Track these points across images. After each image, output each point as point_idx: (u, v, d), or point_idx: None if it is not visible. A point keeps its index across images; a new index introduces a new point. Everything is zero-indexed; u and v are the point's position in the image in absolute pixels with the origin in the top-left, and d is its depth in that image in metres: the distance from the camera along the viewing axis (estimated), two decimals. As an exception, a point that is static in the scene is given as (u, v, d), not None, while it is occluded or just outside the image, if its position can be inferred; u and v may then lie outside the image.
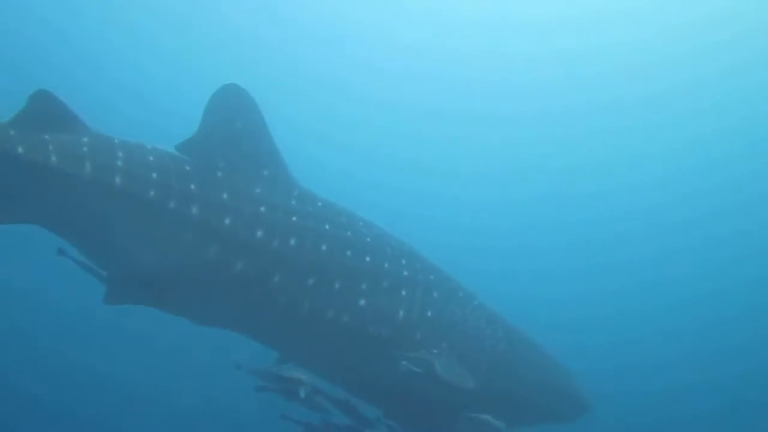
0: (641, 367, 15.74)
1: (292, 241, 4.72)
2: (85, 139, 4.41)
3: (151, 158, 4.58)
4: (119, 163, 4.41)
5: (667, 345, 16.71)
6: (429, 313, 5.17)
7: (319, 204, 5.08)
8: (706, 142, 21.72)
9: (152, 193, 4.46)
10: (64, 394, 11.04)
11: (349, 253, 4.93)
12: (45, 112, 4.35)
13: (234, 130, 4.81)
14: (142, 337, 11.14)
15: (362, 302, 4.90)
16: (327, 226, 4.93)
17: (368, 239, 5.12)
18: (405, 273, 5.17)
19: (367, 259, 5.00)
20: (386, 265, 5.10)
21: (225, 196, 4.64)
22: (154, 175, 4.50)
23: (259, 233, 4.63)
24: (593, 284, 18.28)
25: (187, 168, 4.64)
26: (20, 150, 4.19)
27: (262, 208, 4.73)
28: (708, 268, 19.31)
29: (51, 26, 20.17)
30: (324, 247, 4.84)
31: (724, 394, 14.88)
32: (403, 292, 5.08)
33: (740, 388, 15.10)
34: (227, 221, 4.58)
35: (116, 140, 4.58)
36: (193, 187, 4.58)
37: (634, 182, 21.71)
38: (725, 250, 19.76)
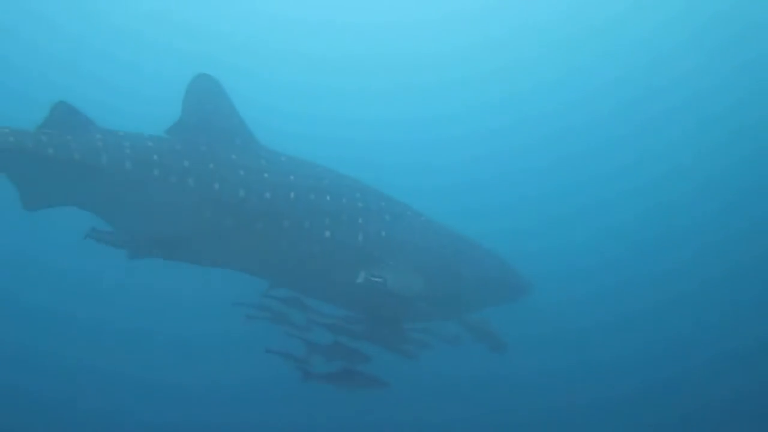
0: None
1: (267, 195, 5.95)
2: (98, 136, 5.68)
3: (150, 143, 5.85)
4: (127, 151, 5.68)
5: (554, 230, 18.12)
6: (383, 234, 6.35)
7: (283, 159, 6.31)
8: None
9: (156, 171, 5.76)
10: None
11: (312, 196, 6.12)
12: (65, 119, 5.62)
13: (208, 111, 6.03)
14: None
15: (328, 234, 6.10)
16: (292, 178, 6.14)
17: (326, 182, 6.32)
18: (360, 205, 6.36)
19: (328, 198, 6.19)
20: (344, 201, 6.29)
21: (211, 166, 5.87)
22: (155, 156, 5.78)
23: (241, 192, 5.86)
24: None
25: (178, 147, 5.88)
26: (50, 151, 5.45)
27: (241, 171, 5.96)
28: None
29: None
30: (292, 195, 6.04)
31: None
32: (360, 220, 6.29)
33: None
34: (216, 186, 5.83)
35: (121, 133, 5.86)
36: (186, 163, 5.84)
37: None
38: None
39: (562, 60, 23.35)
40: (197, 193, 5.82)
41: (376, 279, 6.05)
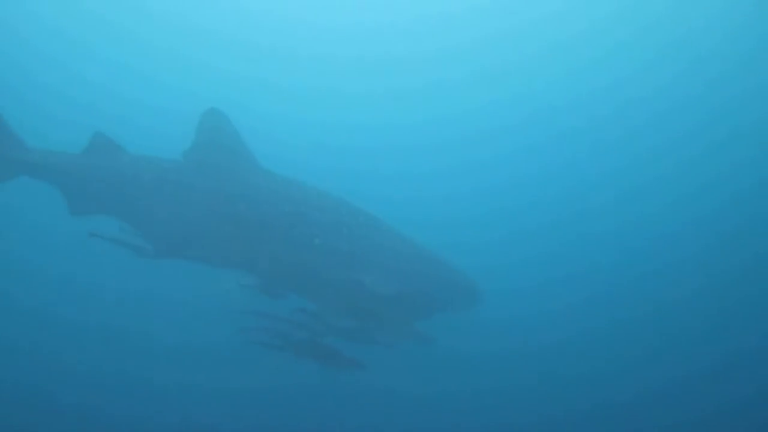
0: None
1: (264, 208, 7.15)
2: (126, 159, 6.96)
3: (167, 165, 7.12)
4: (147, 173, 6.94)
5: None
6: (363, 242, 7.48)
7: (279, 179, 7.48)
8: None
9: (170, 187, 7.00)
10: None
11: (303, 209, 7.30)
12: (100, 145, 6.89)
13: (217, 139, 7.23)
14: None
15: (317, 241, 7.26)
16: (286, 193, 7.33)
17: (314, 199, 7.50)
18: (345, 219, 7.52)
19: (317, 212, 7.36)
20: (330, 215, 7.43)
21: (217, 184, 7.09)
22: (171, 174, 7.04)
23: (242, 206, 7.05)
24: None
25: (191, 168, 7.13)
26: (88, 171, 6.75)
27: (242, 188, 7.17)
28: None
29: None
30: (287, 208, 7.24)
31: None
32: (344, 231, 7.45)
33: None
34: (221, 199, 7.06)
35: (145, 156, 7.12)
36: (196, 180, 7.10)
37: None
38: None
39: (557, 61, 24.41)
40: (205, 205, 7.01)
41: (359, 280, 7.07)
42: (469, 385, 10.87)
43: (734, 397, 11.36)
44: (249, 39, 24.56)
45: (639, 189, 20.62)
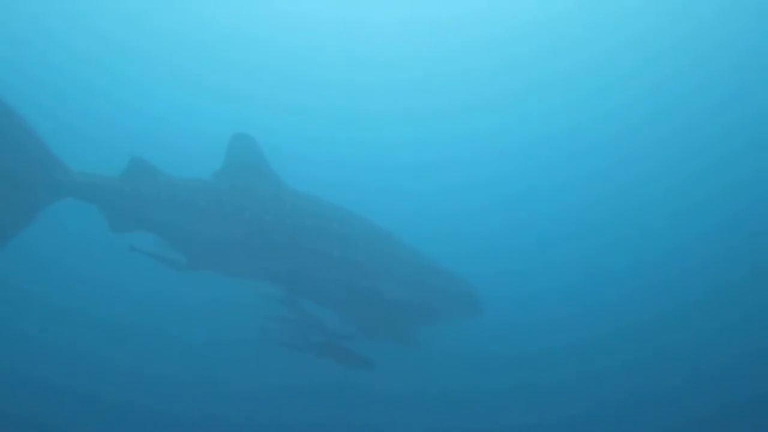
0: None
1: (289, 223, 7.84)
2: (162, 179, 7.70)
3: (200, 185, 7.86)
4: (182, 193, 7.67)
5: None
6: (377, 254, 8.16)
7: (301, 196, 8.18)
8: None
9: (203, 203, 7.74)
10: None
11: (323, 223, 7.98)
12: (138, 168, 7.65)
13: (245, 161, 7.96)
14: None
15: (337, 253, 7.93)
16: (308, 210, 8.03)
17: (333, 213, 8.17)
18: (360, 232, 8.21)
19: (335, 226, 8.06)
20: (348, 228, 8.15)
21: (245, 202, 7.82)
22: (203, 194, 7.78)
23: (268, 223, 7.72)
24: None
25: (221, 189, 7.86)
26: (128, 191, 7.51)
27: (268, 206, 7.86)
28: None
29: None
30: (309, 223, 7.91)
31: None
32: (360, 243, 8.16)
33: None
34: (249, 217, 7.75)
35: (178, 177, 7.87)
36: (226, 199, 7.82)
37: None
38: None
39: (558, 59, 25.21)
40: (233, 221, 7.72)
41: (374, 288, 7.75)
42: (471, 386, 11.37)
43: (740, 401, 11.64)
44: (272, 65, 26.01)
45: (648, 197, 21.01)
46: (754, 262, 16.28)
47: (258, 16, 26.43)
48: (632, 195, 21.06)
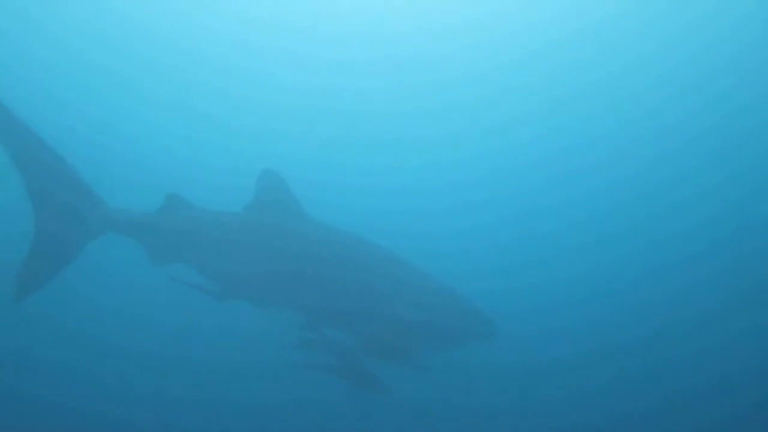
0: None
1: (313, 253, 8.37)
2: (197, 216, 8.27)
3: (228, 217, 8.41)
4: (215, 229, 8.23)
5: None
6: (394, 279, 8.56)
7: (324, 228, 8.69)
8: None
9: (235, 236, 8.29)
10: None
11: (345, 252, 8.45)
12: (173, 205, 8.23)
13: (272, 196, 8.52)
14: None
15: (358, 279, 8.33)
16: (331, 240, 8.55)
17: (353, 242, 8.67)
18: (377, 259, 8.68)
19: (356, 255, 8.55)
20: (366, 257, 8.61)
21: (273, 234, 8.35)
22: (234, 226, 8.34)
23: (294, 255, 8.23)
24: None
25: (250, 220, 8.42)
26: (163, 226, 8.10)
27: (294, 237, 8.38)
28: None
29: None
30: (331, 253, 8.42)
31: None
32: (378, 270, 8.58)
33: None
34: (278, 245, 8.29)
35: (208, 210, 8.40)
36: (254, 230, 8.38)
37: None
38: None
39: (558, 61, 25.96)
40: (263, 252, 8.26)
41: (395, 314, 8.15)
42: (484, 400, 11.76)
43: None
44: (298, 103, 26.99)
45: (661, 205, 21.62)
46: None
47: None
48: (646, 202, 21.58)
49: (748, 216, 19.36)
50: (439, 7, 26.24)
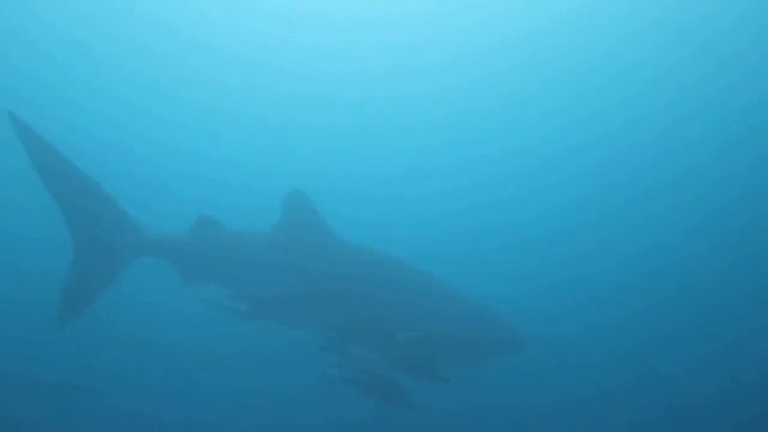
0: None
1: (342, 272, 8.55)
2: (227, 237, 8.39)
3: (259, 240, 8.54)
4: (245, 250, 8.37)
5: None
6: (418, 293, 8.65)
7: (351, 247, 8.81)
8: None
9: (265, 257, 8.42)
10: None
11: (374, 270, 8.59)
12: (205, 227, 8.35)
13: (299, 218, 8.63)
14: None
15: (386, 296, 8.44)
16: (360, 258, 8.68)
17: (380, 259, 8.81)
18: (405, 275, 8.79)
19: (385, 272, 8.68)
20: (393, 274, 8.72)
21: (301, 254, 8.48)
22: (264, 248, 8.46)
23: (323, 275, 8.37)
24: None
25: (279, 242, 8.56)
26: (195, 249, 8.22)
27: (321, 257, 8.54)
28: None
29: None
30: (358, 270, 8.57)
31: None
32: (406, 286, 8.66)
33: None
34: (306, 266, 8.45)
35: (242, 232, 8.53)
36: (283, 250, 8.51)
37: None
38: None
39: (558, 61, 26.21)
40: (293, 272, 8.39)
41: (427, 329, 8.27)
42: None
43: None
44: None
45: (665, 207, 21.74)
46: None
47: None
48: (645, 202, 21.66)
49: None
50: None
